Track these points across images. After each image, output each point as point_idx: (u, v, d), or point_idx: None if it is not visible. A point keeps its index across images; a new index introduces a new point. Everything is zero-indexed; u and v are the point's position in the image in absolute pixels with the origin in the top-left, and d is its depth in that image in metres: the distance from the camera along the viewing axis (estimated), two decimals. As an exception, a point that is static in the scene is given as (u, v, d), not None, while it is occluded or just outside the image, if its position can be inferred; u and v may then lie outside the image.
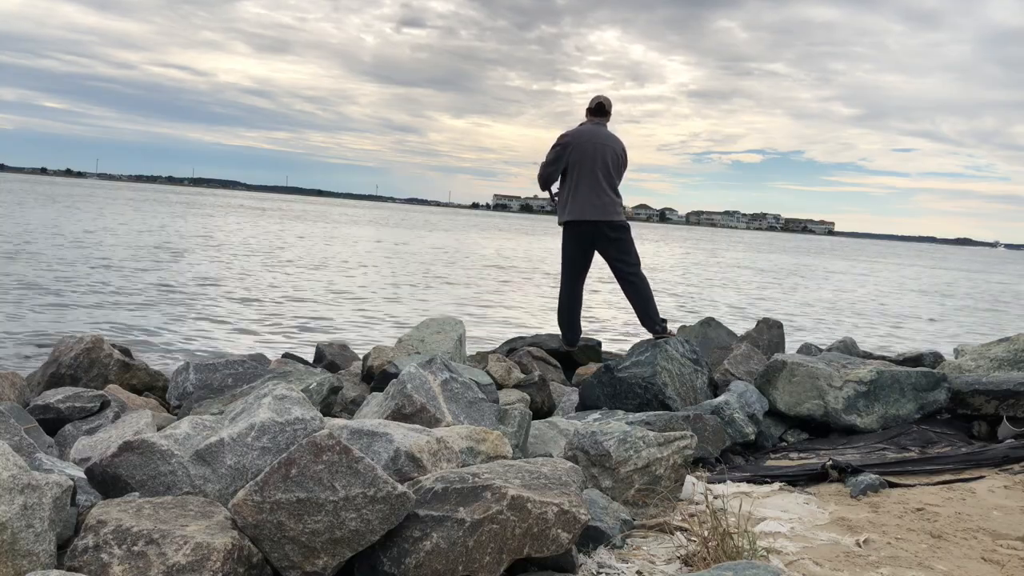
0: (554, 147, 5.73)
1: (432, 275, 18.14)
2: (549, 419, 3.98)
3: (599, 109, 5.78)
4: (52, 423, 3.76)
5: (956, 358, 5.92)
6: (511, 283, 17.61)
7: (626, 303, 5.76)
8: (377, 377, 4.72)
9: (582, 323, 6.09)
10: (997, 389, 4.62)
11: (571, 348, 5.99)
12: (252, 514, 2.17)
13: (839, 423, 4.57)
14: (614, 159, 5.64)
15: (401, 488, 2.25)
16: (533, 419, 3.79)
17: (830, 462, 3.74)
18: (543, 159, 5.80)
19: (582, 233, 5.64)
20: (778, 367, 4.75)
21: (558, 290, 5.96)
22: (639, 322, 5.63)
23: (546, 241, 42.94)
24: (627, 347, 6.51)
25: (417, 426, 2.88)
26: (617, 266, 5.63)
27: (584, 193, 5.58)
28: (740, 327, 8.52)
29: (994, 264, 69.92)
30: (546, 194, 5.99)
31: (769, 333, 6.48)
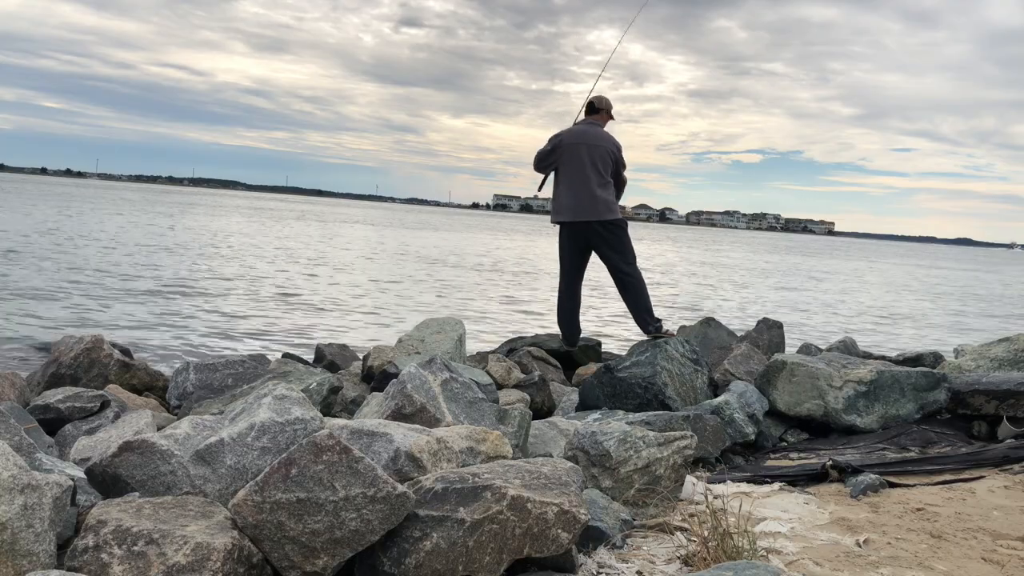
0: (549, 141, 5.81)
1: (432, 275, 18.14)
2: (549, 419, 3.98)
3: (590, 107, 5.89)
4: (52, 423, 3.76)
5: (956, 358, 5.92)
6: (511, 283, 17.61)
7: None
8: (377, 377, 4.72)
9: (582, 323, 6.09)
10: (997, 389, 4.62)
11: (571, 348, 5.99)
12: (252, 514, 2.17)
13: (839, 423, 4.57)
14: (603, 158, 5.63)
15: (401, 488, 2.25)
16: (533, 419, 3.79)
17: (830, 462, 3.74)
18: (540, 147, 5.90)
19: (576, 233, 5.66)
20: (778, 367, 4.75)
21: (557, 290, 5.98)
22: (634, 322, 5.64)
23: (544, 241, 42.96)
24: (627, 347, 6.51)
25: (417, 426, 2.88)
26: (611, 265, 5.63)
27: (575, 194, 5.61)
28: (740, 327, 8.52)
29: (1008, 266, 69.58)
30: (536, 187, 6.08)
31: (769, 333, 6.48)
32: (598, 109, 5.85)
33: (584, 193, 5.58)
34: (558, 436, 3.73)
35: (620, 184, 5.81)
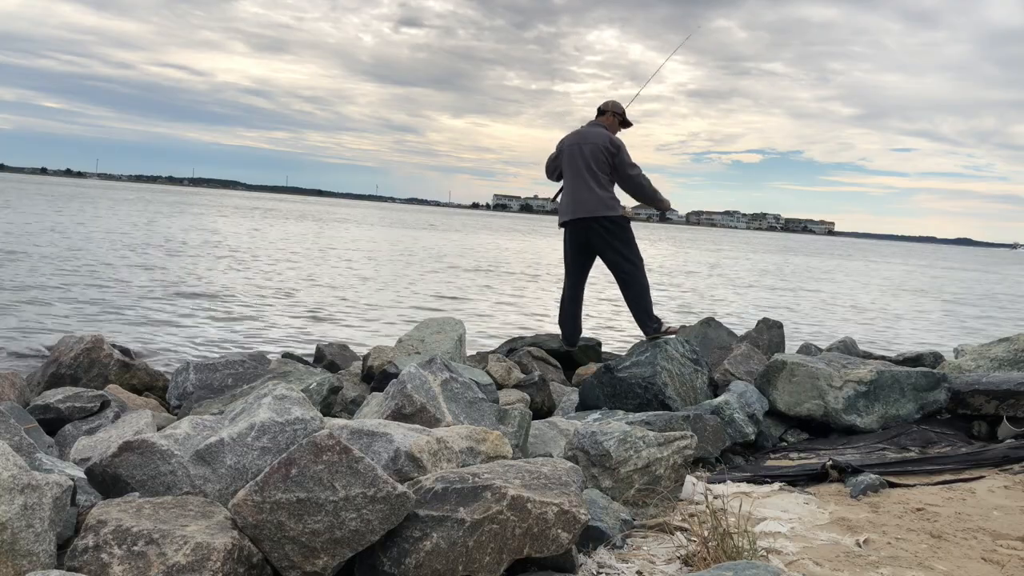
0: (556, 147, 5.91)
1: (432, 275, 18.14)
2: (549, 419, 3.98)
3: (597, 111, 5.93)
4: (52, 423, 3.76)
5: (956, 358, 5.92)
6: (511, 283, 17.62)
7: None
8: (377, 377, 4.72)
9: (583, 323, 6.10)
10: (997, 389, 4.62)
11: (571, 348, 5.99)
12: (252, 514, 2.17)
13: (839, 423, 4.57)
14: (596, 155, 5.61)
15: (401, 488, 2.25)
16: (533, 419, 3.79)
17: (830, 462, 3.74)
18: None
19: (576, 232, 5.69)
20: (778, 367, 4.75)
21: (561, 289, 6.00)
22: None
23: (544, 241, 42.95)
24: (627, 347, 6.51)
25: (417, 426, 2.88)
26: (612, 263, 5.64)
27: (573, 193, 5.66)
28: (740, 327, 8.52)
29: (1013, 266, 69.32)
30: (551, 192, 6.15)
31: (769, 333, 6.49)
32: (603, 111, 5.88)
33: (581, 191, 5.61)
34: (558, 436, 3.73)
35: (627, 181, 5.68)
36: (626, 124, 5.96)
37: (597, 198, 5.56)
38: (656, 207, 5.90)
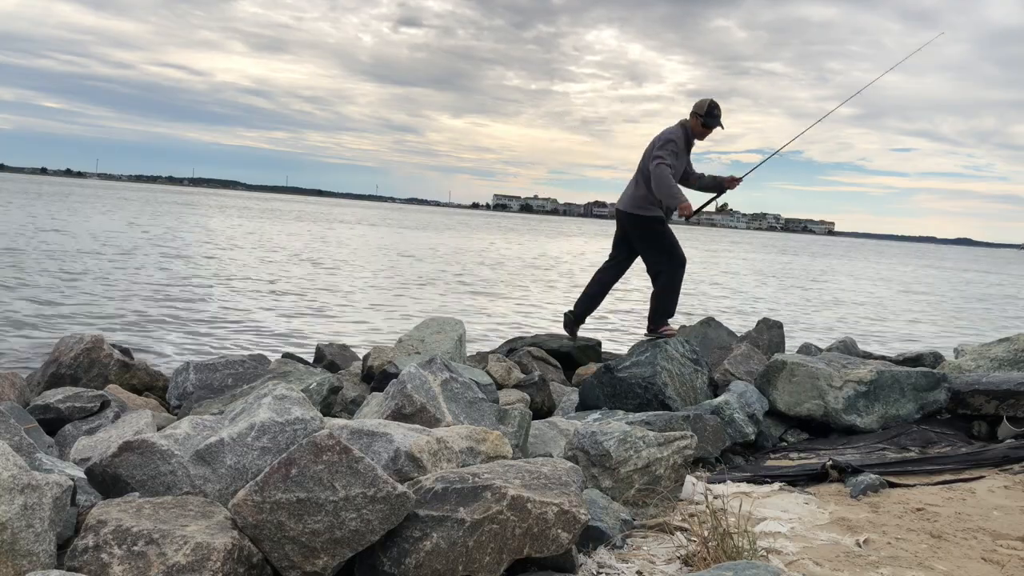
0: None
1: (433, 275, 18.14)
2: (549, 419, 3.98)
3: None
4: (52, 423, 3.76)
5: (956, 358, 5.92)
6: (511, 282, 17.61)
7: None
8: (377, 377, 4.72)
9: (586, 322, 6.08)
10: (997, 389, 4.62)
11: (574, 322, 5.97)
12: (252, 514, 2.17)
13: (839, 423, 4.57)
14: (647, 153, 5.63)
15: (401, 488, 2.25)
16: (533, 419, 3.79)
17: (830, 462, 3.74)
18: None
19: (617, 220, 5.80)
20: (778, 367, 4.75)
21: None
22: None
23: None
24: (627, 347, 6.51)
25: (417, 426, 2.88)
26: (642, 259, 5.73)
27: (626, 186, 5.78)
28: (740, 327, 8.52)
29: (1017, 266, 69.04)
30: None
31: (769, 333, 6.49)
32: (694, 111, 5.62)
33: (627, 186, 5.73)
34: (558, 436, 3.73)
35: (649, 172, 5.46)
36: (712, 125, 5.58)
37: (630, 195, 5.66)
38: (666, 202, 5.54)
